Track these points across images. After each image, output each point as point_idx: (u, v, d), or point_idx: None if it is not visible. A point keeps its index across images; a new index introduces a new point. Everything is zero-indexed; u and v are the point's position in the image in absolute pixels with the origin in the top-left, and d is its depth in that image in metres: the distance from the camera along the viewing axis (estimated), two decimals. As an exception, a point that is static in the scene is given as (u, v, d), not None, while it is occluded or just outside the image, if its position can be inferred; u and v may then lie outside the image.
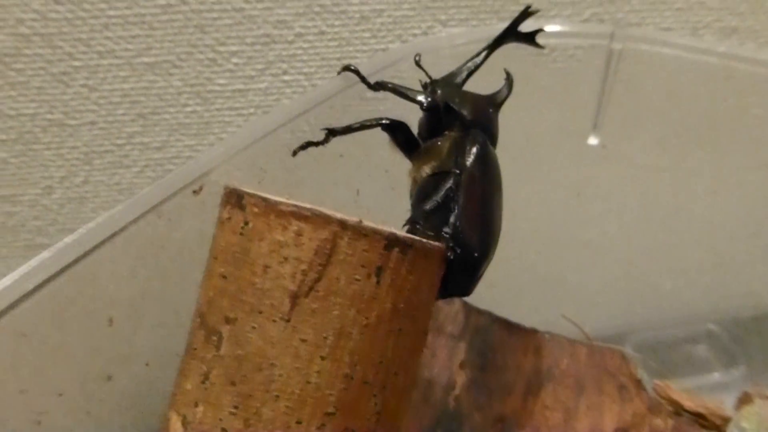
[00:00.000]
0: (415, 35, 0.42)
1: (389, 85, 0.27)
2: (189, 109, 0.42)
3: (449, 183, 0.25)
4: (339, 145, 0.27)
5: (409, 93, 0.27)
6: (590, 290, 0.45)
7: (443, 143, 0.26)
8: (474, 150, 0.26)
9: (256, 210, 0.19)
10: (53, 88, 0.40)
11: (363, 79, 0.28)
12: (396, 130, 0.26)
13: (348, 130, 0.25)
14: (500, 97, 0.28)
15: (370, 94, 0.26)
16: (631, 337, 0.47)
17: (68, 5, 0.38)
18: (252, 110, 0.42)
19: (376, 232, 0.19)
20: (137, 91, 0.41)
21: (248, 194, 0.19)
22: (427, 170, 0.26)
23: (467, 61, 0.28)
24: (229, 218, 0.19)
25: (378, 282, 0.19)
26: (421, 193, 0.26)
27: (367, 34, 0.41)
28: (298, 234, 0.18)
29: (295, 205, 0.18)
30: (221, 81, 0.41)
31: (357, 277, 0.18)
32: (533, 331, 0.35)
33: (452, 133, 0.26)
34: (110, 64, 0.40)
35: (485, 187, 0.26)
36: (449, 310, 0.35)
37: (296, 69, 0.41)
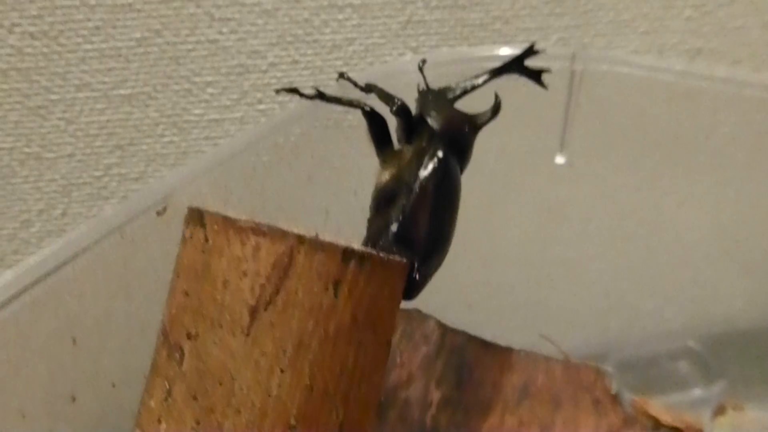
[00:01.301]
0: (386, 62, 0.42)
1: (376, 87, 0.28)
2: (166, 139, 0.42)
3: (402, 192, 0.25)
4: (307, 168, 0.28)
5: (386, 95, 0.27)
6: (569, 310, 0.45)
7: (407, 151, 0.27)
8: (432, 162, 0.26)
9: (216, 227, 0.19)
10: (30, 122, 0.40)
11: (355, 84, 0.29)
12: (374, 120, 0.27)
13: (335, 100, 0.27)
14: (482, 119, 0.28)
15: (338, 116, 0.26)
16: (611, 356, 0.48)
17: (44, 40, 0.38)
18: (228, 139, 0.43)
19: (332, 245, 0.19)
20: (114, 123, 0.41)
21: (209, 213, 0.20)
22: (386, 176, 0.26)
23: (466, 80, 0.29)
24: (191, 236, 0.20)
25: (336, 294, 0.19)
26: (376, 199, 0.26)
27: (339, 62, 0.42)
28: (256, 248, 0.19)
29: (254, 222, 0.19)
30: (197, 111, 0.42)
31: (315, 289, 0.19)
32: (508, 350, 0.35)
33: (419, 144, 0.27)
34: (87, 96, 0.40)
35: (437, 201, 0.27)
36: (424, 329, 0.36)
37: (271, 98, 0.42)
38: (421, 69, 0.29)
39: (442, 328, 0.36)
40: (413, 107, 0.28)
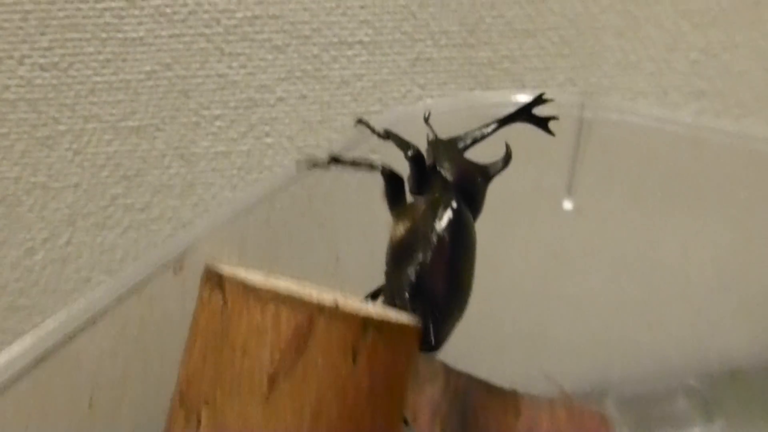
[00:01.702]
0: (394, 98, 0.43)
1: (392, 134, 0.28)
2: (172, 170, 0.42)
3: (418, 246, 0.26)
4: (319, 214, 0.28)
5: (403, 142, 0.27)
6: (570, 345, 0.45)
7: (421, 204, 0.27)
8: (447, 213, 0.26)
9: (235, 292, 0.19)
10: (38, 152, 0.40)
11: (373, 130, 0.29)
12: (392, 180, 0.27)
13: (351, 163, 0.26)
14: (494, 169, 0.29)
15: (346, 177, 0.26)
16: (612, 392, 0.48)
17: (54, 71, 0.38)
18: (235, 171, 0.43)
19: (352, 314, 0.19)
20: (121, 153, 0.41)
21: (228, 276, 0.20)
22: (401, 229, 0.27)
23: (475, 129, 0.29)
24: (209, 299, 0.20)
25: (354, 361, 0.19)
26: (393, 253, 0.26)
27: (347, 98, 0.42)
28: (276, 316, 0.19)
29: (274, 289, 0.19)
30: (204, 143, 0.42)
31: (334, 357, 0.19)
32: (513, 393, 0.35)
33: (432, 195, 0.27)
34: (95, 128, 0.40)
35: (454, 252, 0.27)
36: (429, 372, 0.36)
37: (278, 131, 0.42)
38: (426, 120, 0.29)
39: (447, 369, 0.36)
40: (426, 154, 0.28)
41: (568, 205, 0.35)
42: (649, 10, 0.42)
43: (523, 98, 0.33)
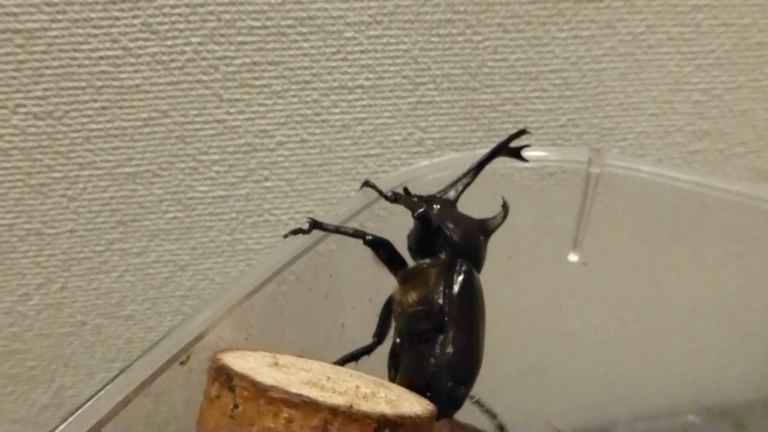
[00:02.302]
0: (395, 141, 0.42)
1: (401, 196, 0.28)
2: (170, 215, 0.42)
3: (435, 317, 0.25)
4: (325, 286, 0.27)
5: (411, 202, 0.27)
6: (572, 383, 0.45)
7: (430, 269, 0.27)
8: (461, 281, 0.26)
9: (246, 394, 0.19)
10: (32, 199, 0.39)
11: (380, 193, 0.29)
12: (378, 246, 0.27)
13: (334, 230, 0.26)
14: (493, 224, 0.28)
15: (351, 241, 0.26)
16: (615, 430, 0.47)
17: (48, 120, 0.38)
18: (233, 215, 0.43)
19: (366, 416, 0.19)
20: (117, 199, 0.40)
21: (238, 375, 0.19)
22: (413, 297, 0.26)
23: (458, 179, 0.28)
24: (218, 397, 0.19)
25: (370, 465, 0.18)
26: (407, 324, 0.26)
27: (347, 141, 0.42)
28: (289, 421, 0.18)
29: (286, 391, 0.18)
30: (202, 188, 0.41)
31: (348, 463, 0.18)
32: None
33: (440, 259, 0.27)
34: (90, 174, 0.39)
35: (470, 319, 0.27)
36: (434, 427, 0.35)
37: (277, 175, 0.42)
38: (406, 190, 0.28)
39: (451, 423, 0.36)
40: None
41: (573, 257, 0.34)
42: (651, 52, 0.42)
43: (533, 154, 0.32)
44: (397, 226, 0.28)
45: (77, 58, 0.36)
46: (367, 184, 0.29)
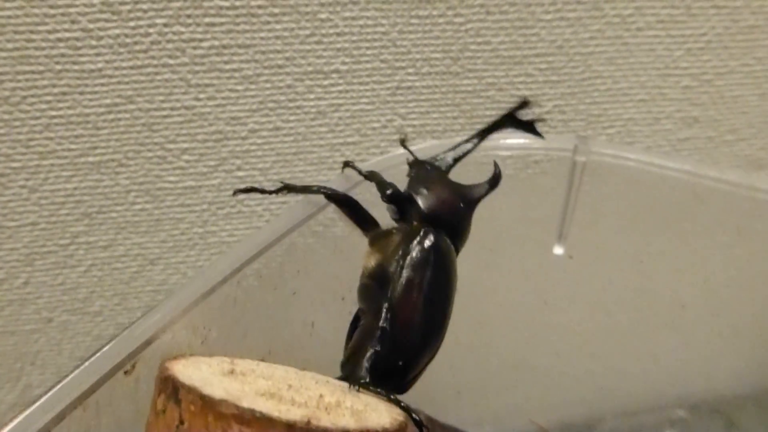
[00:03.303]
0: (374, 129, 0.40)
1: (376, 175, 0.26)
2: (138, 206, 0.40)
3: (387, 284, 0.24)
4: (291, 282, 0.26)
5: (382, 183, 0.26)
6: (558, 378, 0.44)
7: (395, 235, 0.25)
8: (420, 252, 0.24)
9: (192, 408, 0.17)
10: (-10, 190, 0.37)
11: (360, 172, 0.27)
12: (341, 202, 0.25)
13: (300, 189, 0.25)
14: (478, 192, 0.26)
15: (323, 229, 0.24)
16: (601, 425, 0.46)
17: (5, 106, 0.36)
18: (205, 206, 0.41)
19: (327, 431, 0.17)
20: (81, 190, 0.38)
21: (184, 387, 0.17)
22: (371, 263, 0.25)
23: (458, 144, 0.27)
24: (164, 411, 0.17)
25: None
26: (361, 289, 0.25)
27: (323, 129, 0.40)
28: (240, 439, 0.16)
29: (236, 406, 0.17)
30: (171, 178, 0.39)
31: (306, 484, 0.17)
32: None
33: (410, 225, 0.25)
34: (52, 164, 0.37)
35: (426, 294, 0.25)
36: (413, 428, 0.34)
37: (251, 165, 0.40)
38: (403, 143, 0.27)
39: (432, 423, 0.34)
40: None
41: (558, 250, 0.33)
42: (640, 35, 0.40)
43: (516, 142, 0.31)
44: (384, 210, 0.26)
45: (34, 40, 0.34)
46: (347, 165, 0.27)
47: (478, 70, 0.40)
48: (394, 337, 0.24)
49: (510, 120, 0.27)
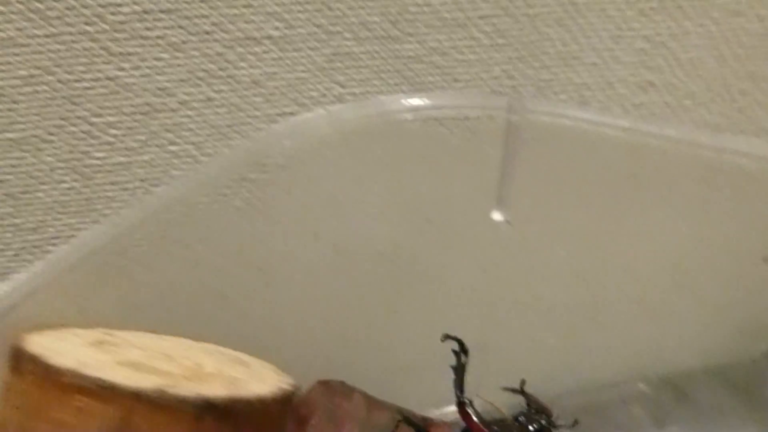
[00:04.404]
0: (312, 98, 0.38)
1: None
2: (65, 185, 0.38)
3: None
4: (197, 252, 0.24)
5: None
6: (516, 355, 0.42)
7: None
8: None
9: (31, 379, 0.15)
10: None
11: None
12: None
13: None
14: None
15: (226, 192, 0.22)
16: (566, 401, 0.45)
17: None
18: (138, 183, 0.39)
19: (181, 401, 0.15)
20: (2, 169, 0.36)
21: (26, 356, 0.15)
22: None
23: None
24: (9, 387, 0.16)
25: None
26: None
27: (259, 99, 0.38)
28: (81, 411, 0.15)
29: (80, 374, 0.15)
30: (99, 154, 0.37)
31: (159, 460, 0.15)
32: (442, 425, 0.32)
33: None
34: (-32, 141, 0.36)
35: None
36: (348, 405, 0.32)
37: (183, 138, 0.38)
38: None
39: (368, 402, 0.33)
40: None
41: (497, 216, 0.31)
42: (590, -6, 0.38)
43: (450, 102, 0.29)
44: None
45: (-64, 7, 0.32)
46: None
47: (419, 33, 0.38)
48: None
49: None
